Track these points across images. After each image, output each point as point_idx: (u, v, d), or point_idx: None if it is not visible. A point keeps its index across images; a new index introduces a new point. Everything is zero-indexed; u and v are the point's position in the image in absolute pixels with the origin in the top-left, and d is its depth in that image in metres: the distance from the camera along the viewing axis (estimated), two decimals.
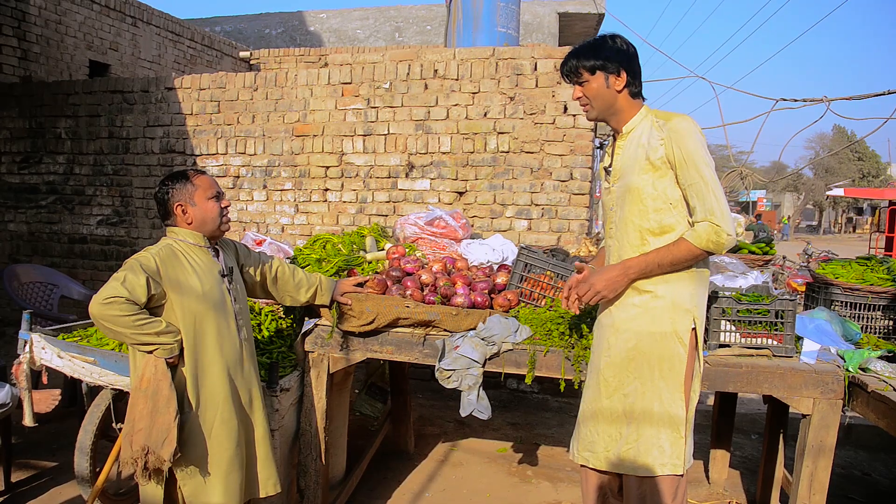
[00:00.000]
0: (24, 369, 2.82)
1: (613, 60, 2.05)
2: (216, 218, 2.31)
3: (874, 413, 2.36)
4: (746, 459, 4.13)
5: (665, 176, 2.02)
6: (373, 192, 5.21)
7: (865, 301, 3.00)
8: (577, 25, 11.61)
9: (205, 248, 2.32)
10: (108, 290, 2.05)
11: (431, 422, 4.63)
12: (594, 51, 2.08)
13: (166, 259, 2.18)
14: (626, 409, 2.11)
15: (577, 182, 4.77)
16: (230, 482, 2.26)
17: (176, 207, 2.27)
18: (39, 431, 3.09)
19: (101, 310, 2.04)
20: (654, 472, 2.06)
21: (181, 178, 2.29)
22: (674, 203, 2.03)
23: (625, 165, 2.11)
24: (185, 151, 5.65)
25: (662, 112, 2.10)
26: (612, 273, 2.06)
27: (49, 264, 5.90)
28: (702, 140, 2.00)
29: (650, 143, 2.03)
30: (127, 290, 2.06)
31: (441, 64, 4.97)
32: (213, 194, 2.31)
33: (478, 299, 2.82)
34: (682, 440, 2.06)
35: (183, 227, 2.29)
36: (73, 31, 6.93)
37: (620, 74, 2.06)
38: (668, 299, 2.05)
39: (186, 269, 2.22)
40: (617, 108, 2.11)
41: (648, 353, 2.07)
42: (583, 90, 2.13)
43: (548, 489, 3.63)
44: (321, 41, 11.85)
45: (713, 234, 1.94)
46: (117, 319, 2.05)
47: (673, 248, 2.00)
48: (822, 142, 42.23)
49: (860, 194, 27.58)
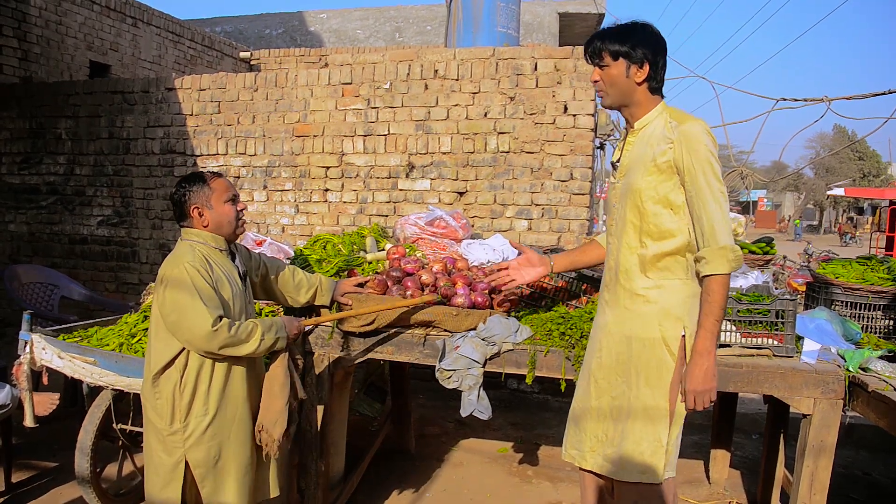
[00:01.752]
0: (24, 370, 2.82)
1: (639, 50, 1.97)
2: (233, 221, 2.33)
3: (874, 413, 2.36)
4: (747, 459, 4.12)
5: (670, 180, 1.97)
6: (373, 192, 5.21)
7: (866, 301, 3.00)
8: (578, 25, 11.61)
9: (225, 252, 2.35)
10: (200, 322, 2.08)
11: (432, 422, 4.63)
12: (622, 36, 2.00)
13: (202, 267, 2.19)
14: (613, 412, 2.09)
15: (577, 182, 4.77)
16: (244, 483, 2.29)
17: (193, 210, 2.27)
18: (40, 432, 3.08)
19: (215, 341, 2.11)
20: (634, 477, 2.03)
21: (198, 180, 2.29)
22: (675, 208, 1.98)
23: (631, 163, 2.07)
24: (186, 152, 5.65)
25: (678, 112, 2.03)
26: (699, 367, 1.92)
27: (49, 265, 5.90)
28: (713, 147, 1.93)
29: (659, 145, 1.97)
30: (216, 308, 2.13)
31: (441, 64, 4.97)
32: (230, 197, 2.33)
33: (478, 299, 2.82)
34: (662, 448, 2.01)
35: (199, 229, 2.30)
36: (73, 31, 6.93)
37: (643, 66, 1.99)
38: (659, 305, 2.02)
39: (217, 273, 2.24)
40: (633, 101, 2.05)
41: (636, 359, 2.04)
42: (601, 74, 2.05)
43: (548, 489, 3.63)
44: (321, 41, 11.86)
45: (729, 254, 1.88)
46: (231, 339, 2.14)
47: (709, 294, 1.91)
48: (822, 141, 42.23)
49: (861, 194, 27.58)
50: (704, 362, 1.92)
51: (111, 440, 3.09)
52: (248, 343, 2.18)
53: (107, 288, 6.04)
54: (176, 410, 2.19)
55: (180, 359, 2.20)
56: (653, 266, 2.03)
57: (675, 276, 2.02)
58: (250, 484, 2.32)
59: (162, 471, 2.23)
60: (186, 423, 2.19)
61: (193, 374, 2.18)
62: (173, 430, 2.20)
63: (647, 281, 2.04)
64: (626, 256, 2.08)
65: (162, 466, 2.23)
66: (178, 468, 2.21)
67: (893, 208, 14.84)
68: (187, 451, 2.20)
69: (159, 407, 2.21)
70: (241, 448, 2.28)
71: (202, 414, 2.20)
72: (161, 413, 2.21)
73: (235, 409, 2.27)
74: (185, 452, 2.20)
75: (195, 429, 2.20)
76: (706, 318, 1.92)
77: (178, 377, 2.19)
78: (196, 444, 2.20)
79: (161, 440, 2.22)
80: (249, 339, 2.18)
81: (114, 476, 3.25)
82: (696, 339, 1.95)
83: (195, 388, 2.19)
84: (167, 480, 2.22)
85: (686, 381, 1.95)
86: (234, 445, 2.27)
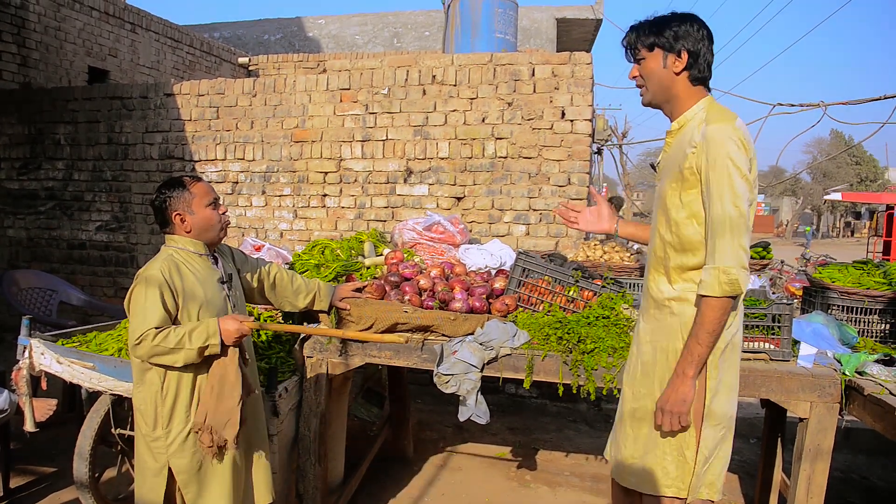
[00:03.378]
0: (23, 375, 2.82)
1: (675, 39, 1.85)
2: (215, 225, 2.31)
3: (870, 416, 2.37)
4: (745, 463, 4.13)
5: (693, 187, 1.83)
6: (371, 197, 5.22)
7: (862, 305, 3.01)
8: (575, 31, 11.66)
9: (204, 256, 2.32)
10: (134, 330, 2.08)
11: (430, 426, 4.63)
12: (657, 27, 1.89)
13: (171, 271, 2.17)
14: (639, 420, 2.05)
15: (574, 187, 4.79)
16: (230, 488, 2.26)
17: (174, 216, 2.26)
18: (38, 437, 3.09)
19: (138, 352, 2.09)
20: (655, 491, 1.98)
21: (178, 185, 2.27)
22: (700, 220, 1.84)
23: (665, 167, 1.96)
24: (184, 157, 5.66)
25: (717, 109, 1.87)
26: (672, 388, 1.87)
27: (48, 270, 5.90)
28: (737, 154, 1.75)
29: (686, 148, 1.84)
30: (150, 321, 2.08)
31: (439, 70, 4.99)
32: (211, 201, 2.30)
33: (476, 304, 2.83)
34: (689, 465, 1.92)
35: (182, 234, 2.28)
36: (72, 37, 6.95)
37: (681, 55, 1.86)
38: (683, 318, 1.92)
39: (188, 278, 2.22)
40: (673, 94, 1.91)
41: (661, 369, 1.98)
42: (639, 68, 1.95)
43: (546, 494, 3.64)
44: (320, 47, 11.89)
45: (721, 276, 1.76)
46: (156, 349, 2.08)
47: (699, 316, 1.82)
48: (819, 146, 42.30)
49: (858, 198, 27.64)
50: (679, 385, 1.86)
51: (110, 445, 3.09)
52: (181, 352, 2.09)
53: (105, 293, 6.04)
54: (158, 417, 2.18)
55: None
56: (678, 277, 1.95)
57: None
58: (239, 488, 2.30)
59: (147, 474, 2.23)
60: (168, 429, 2.18)
61: (174, 380, 2.17)
62: (156, 437, 2.19)
63: (673, 291, 1.96)
64: (653, 265, 2.03)
65: (147, 470, 2.23)
66: (161, 473, 2.20)
67: (891, 213, 14.86)
68: (170, 458, 2.19)
69: (144, 411, 2.20)
70: (226, 454, 2.25)
71: (184, 421, 2.18)
72: (145, 417, 2.20)
73: None
74: (168, 458, 2.19)
75: (177, 436, 2.18)
76: (690, 341, 1.85)
77: (159, 383, 2.17)
78: (178, 451, 2.19)
79: (146, 444, 2.22)
80: (179, 346, 2.09)
81: (112, 481, 3.25)
82: (679, 359, 1.89)
83: (176, 395, 2.17)
84: (151, 484, 2.22)
85: (659, 398, 1.92)
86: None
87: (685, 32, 1.87)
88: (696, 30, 1.88)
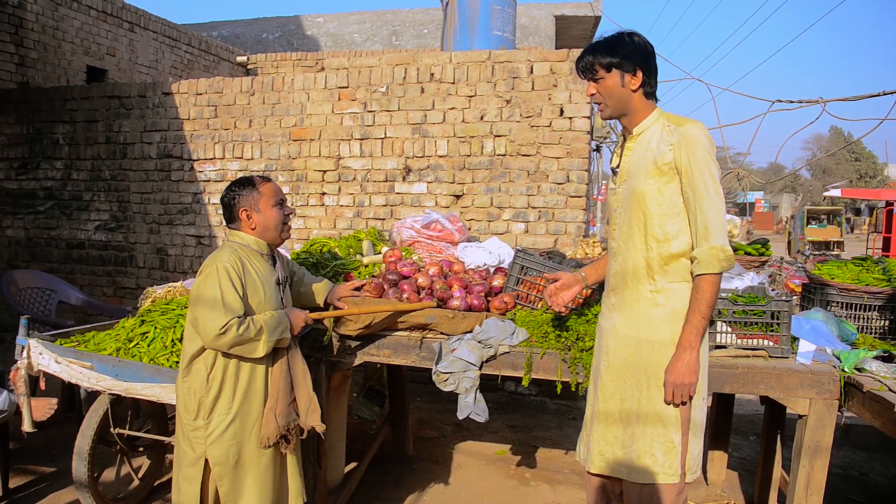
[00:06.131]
0: (21, 375, 2.82)
1: (630, 59, 2.02)
2: (279, 225, 2.41)
3: (870, 413, 2.36)
4: (744, 460, 4.13)
5: (672, 182, 2.00)
6: (370, 195, 5.22)
7: (861, 301, 3.00)
8: (574, 28, 11.64)
9: (265, 256, 2.41)
10: (214, 318, 2.13)
11: (430, 425, 4.63)
12: (611, 48, 2.04)
13: (239, 264, 2.26)
14: (623, 415, 2.11)
15: (573, 185, 4.79)
16: (265, 485, 2.31)
17: (241, 213, 2.36)
18: (37, 437, 3.09)
19: (222, 341, 2.14)
20: (647, 479, 2.05)
21: (248, 184, 2.38)
22: (679, 210, 2.02)
23: (632, 168, 2.10)
24: (183, 156, 5.65)
25: (675, 116, 2.07)
26: (680, 360, 1.98)
27: (47, 270, 5.91)
28: (710, 149, 1.98)
29: (659, 148, 2.01)
30: (232, 310, 2.16)
31: (438, 67, 4.99)
32: (277, 201, 2.41)
33: (474, 302, 2.83)
34: (676, 449, 2.03)
35: (247, 231, 2.38)
36: (70, 36, 6.93)
37: (636, 73, 2.03)
38: (668, 308, 2.04)
39: (251, 274, 2.30)
40: (631, 108, 2.09)
41: (646, 361, 2.06)
42: (598, 87, 2.09)
43: (546, 491, 3.64)
44: (318, 45, 11.88)
45: (720, 254, 1.93)
46: (240, 339, 2.16)
47: (698, 291, 1.97)
48: (818, 143, 42.36)
49: (857, 195, 27.62)
50: (686, 356, 1.97)
51: (109, 445, 3.09)
52: (260, 342, 2.21)
53: (104, 292, 6.04)
54: (201, 406, 2.24)
55: (208, 353, 2.25)
56: (660, 269, 2.05)
57: (683, 278, 2.04)
58: (273, 486, 2.34)
59: (184, 462, 2.29)
60: (209, 420, 2.24)
61: (220, 371, 2.24)
62: (196, 427, 2.25)
63: (655, 284, 2.06)
64: (632, 260, 2.10)
65: (185, 457, 2.29)
66: (198, 463, 2.26)
67: (890, 209, 14.85)
68: (208, 448, 2.24)
69: (187, 400, 2.26)
70: (262, 451, 2.30)
71: (225, 413, 2.24)
72: (188, 406, 2.26)
73: (258, 411, 2.30)
74: (206, 449, 2.25)
75: (217, 427, 2.24)
76: (692, 314, 1.97)
77: (206, 373, 2.24)
78: (217, 441, 2.24)
79: (185, 434, 2.28)
80: (259, 336, 2.20)
81: (111, 480, 3.25)
82: (681, 333, 1.99)
83: (221, 386, 2.24)
84: (187, 473, 2.28)
85: (667, 373, 2.01)
86: (254, 448, 2.30)
87: (637, 53, 2.04)
88: (644, 49, 2.06)
